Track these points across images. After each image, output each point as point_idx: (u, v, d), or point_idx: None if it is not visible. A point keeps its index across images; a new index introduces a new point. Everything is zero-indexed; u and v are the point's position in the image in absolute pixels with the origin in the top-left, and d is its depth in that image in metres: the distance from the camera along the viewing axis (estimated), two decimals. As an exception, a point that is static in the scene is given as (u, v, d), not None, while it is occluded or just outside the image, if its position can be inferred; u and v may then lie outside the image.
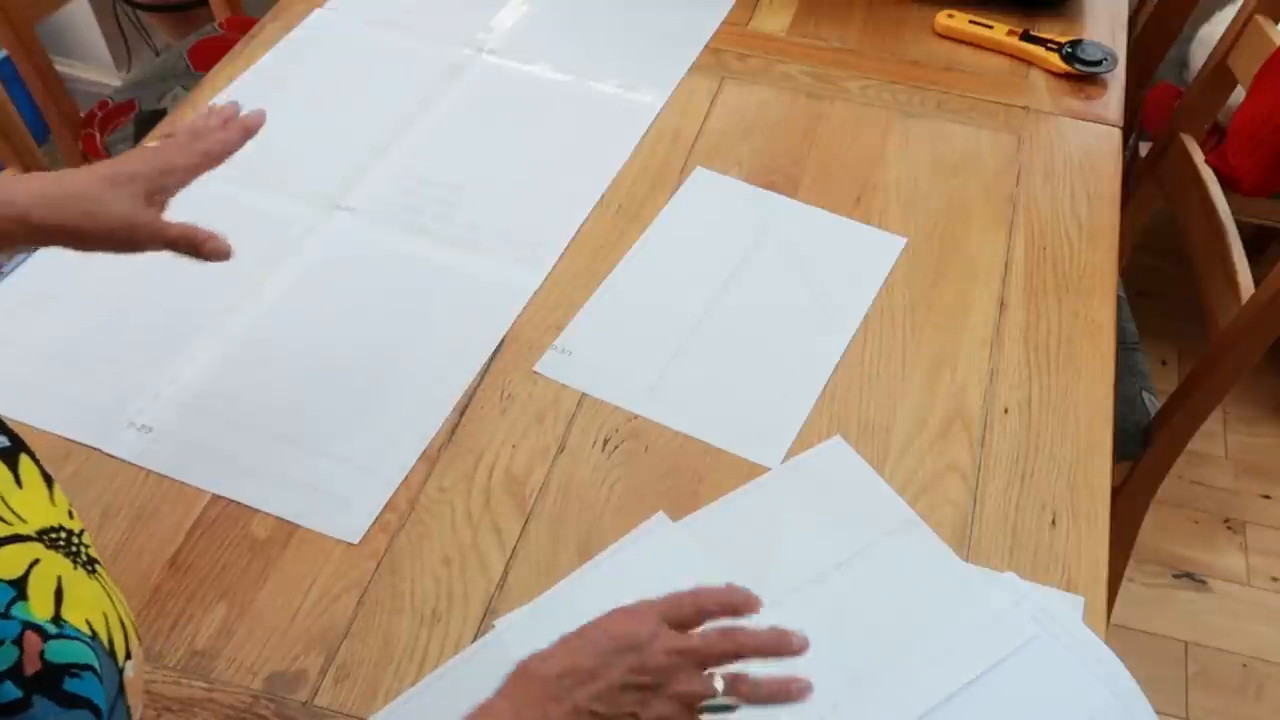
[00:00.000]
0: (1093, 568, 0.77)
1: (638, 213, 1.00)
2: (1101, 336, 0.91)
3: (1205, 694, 1.52)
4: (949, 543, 0.77)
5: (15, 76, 1.45)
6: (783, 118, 1.10)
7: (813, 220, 1.00)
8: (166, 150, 0.77)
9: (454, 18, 1.21)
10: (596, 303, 0.93)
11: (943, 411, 0.86)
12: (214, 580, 0.75)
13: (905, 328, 0.91)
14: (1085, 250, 0.98)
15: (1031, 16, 1.21)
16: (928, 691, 0.70)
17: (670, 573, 0.75)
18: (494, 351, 0.89)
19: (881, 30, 1.21)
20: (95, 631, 0.46)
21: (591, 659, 0.59)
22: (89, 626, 0.46)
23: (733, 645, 0.61)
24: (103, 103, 1.54)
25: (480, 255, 0.96)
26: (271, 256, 0.95)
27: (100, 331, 0.90)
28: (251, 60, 1.14)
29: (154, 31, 2.20)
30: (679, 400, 0.86)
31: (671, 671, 0.59)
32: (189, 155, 0.77)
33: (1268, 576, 1.65)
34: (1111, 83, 1.15)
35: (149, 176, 0.74)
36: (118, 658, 0.48)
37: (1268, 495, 1.75)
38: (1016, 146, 1.08)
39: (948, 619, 0.73)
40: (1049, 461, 0.83)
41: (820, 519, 0.79)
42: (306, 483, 0.80)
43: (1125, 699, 0.70)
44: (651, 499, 0.80)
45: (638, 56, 1.17)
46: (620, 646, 0.59)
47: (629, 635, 0.59)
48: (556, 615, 0.73)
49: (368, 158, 1.05)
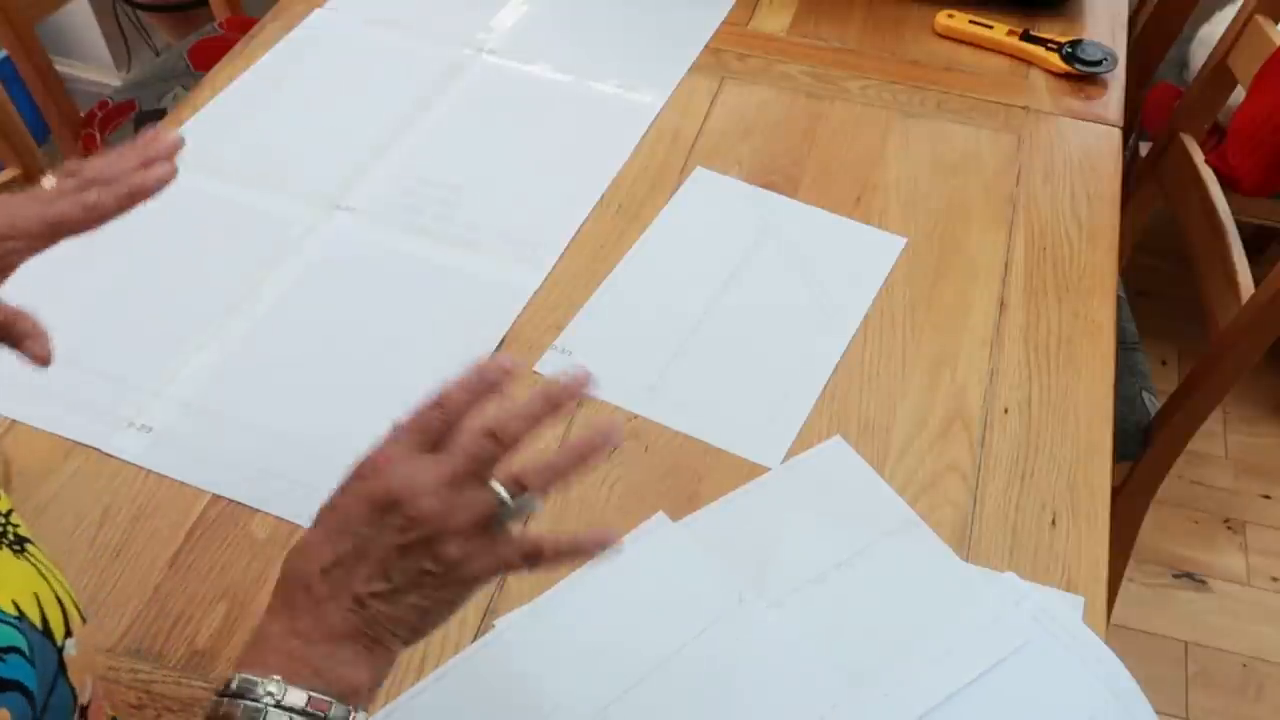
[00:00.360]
0: (1093, 568, 0.77)
1: (638, 213, 1.00)
2: (1101, 336, 0.91)
3: (1205, 694, 1.52)
4: (949, 543, 0.77)
5: (15, 76, 1.45)
6: (783, 118, 1.10)
7: (813, 220, 1.00)
8: (18, 204, 0.62)
9: (454, 18, 1.21)
10: (596, 303, 0.93)
11: (943, 411, 0.86)
12: (214, 580, 0.75)
13: (905, 328, 0.91)
14: (1085, 250, 0.98)
15: (1031, 16, 1.21)
16: (928, 691, 0.70)
17: (670, 573, 0.76)
18: (494, 351, 0.89)
19: (881, 30, 1.21)
20: (24, 613, 0.45)
21: (351, 538, 0.52)
22: (15, 607, 0.45)
23: (500, 441, 0.54)
24: (103, 103, 1.54)
25: (480, 255, 0.96)
26: (271, 256, 0.95)
27: (100, 331, 0.90)
28: (251, 60, 1.14)
29: (154, 31, 2.20)
30: (679, 400, 0.86)
31: (445, 509, 0.52)
32: (54, 211, 0.62)
33: (1268, 576, 1.65)
34: (1111, 83, 1.15)
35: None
36: (55, 637, 0.47)
37: (1268, 495, 1.75)
38: (1016, 146, 1.08)
39: (947, 619, 0.73)
40: (1049, 461, 0.83)
41: (820, 519, 0.79)
42: (306, 483, 0.80)
43: (1125, 699, 0.70)
44: (651, 499, 0.80)
45: (638, 56, 1.17)
46: (378, 508, 0.53)
47: (383, 494, 0.53)
48: (556, 615, 0.73)
49: (368, 158, 1.05)
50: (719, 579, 0.75)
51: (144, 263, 0.95)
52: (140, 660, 0.71)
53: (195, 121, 1.07)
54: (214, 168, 1.03)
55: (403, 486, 0.53)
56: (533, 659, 0.71)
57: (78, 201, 0.63)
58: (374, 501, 0.53)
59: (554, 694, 0.69)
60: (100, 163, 0.66)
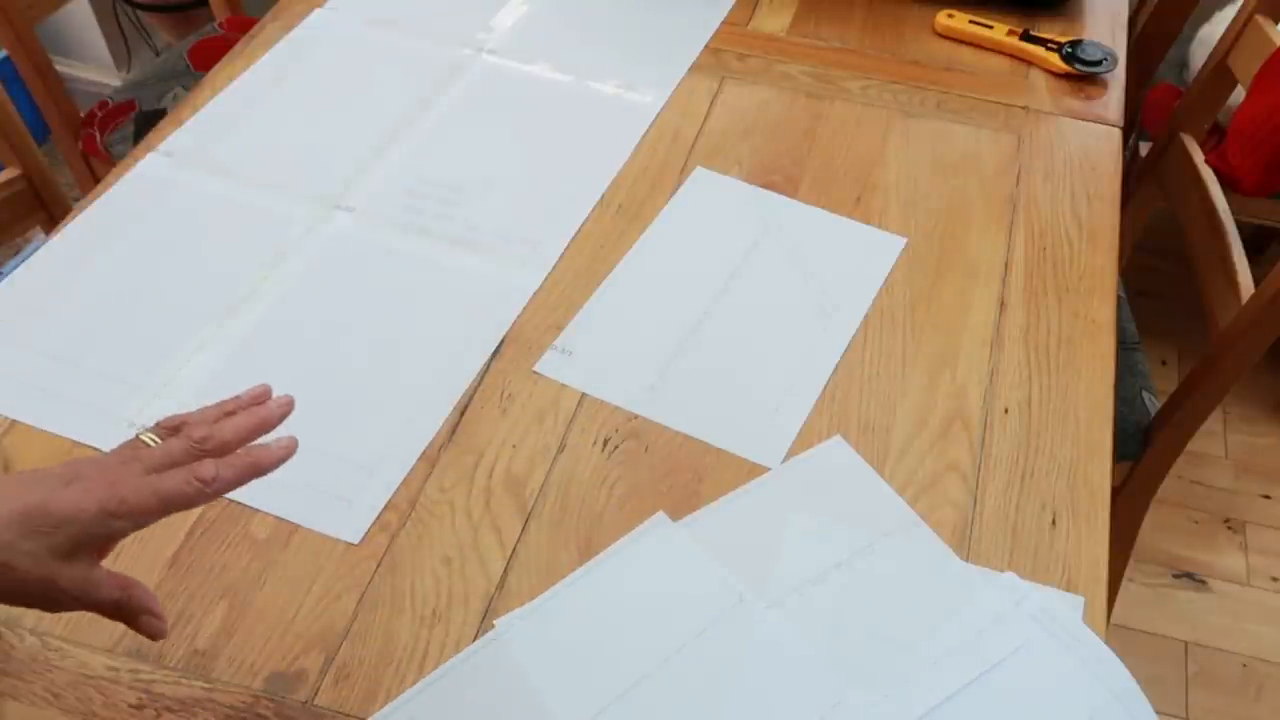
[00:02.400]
0: (1093, 568, 0.77)
1: (638, 213, 1.00)
2: (1101, 336, 0.91)
3: (1205, 694, 1.52)
4: (949, 543, 0.77)
5: (15, 76, 1.45)
6: (783, 118, 1.10)
7: (813, 220, 1.00)
8: (126, 474, 0.56)
9: (454, 18, 1.21)
10: (596, 303, 0.93)
11: (943, 411, 0.86)
12: (214, 580, 0.75)
13: (905, 328, 0.91)
14: (1085, 250, 0.98)
15: (1031, 16, 1.21)
16: (928, 691, 0.70)
17: (670, 573, 0.76)
18: (494, 351, 0.89)
19: (881, 30, 1.21)
20: None
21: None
22: None
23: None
24: (103, 103, 1.54)
25: (480, 255, 0.96)
26: (271, 256, 0.95)
27: (100, 331, 0.90)
28: (251, 60, 1.14)
29: (154, 31, 2.20)
30: (679, 400, 0.86)
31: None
32: (167, 489, 0.57)
33: (1268, 576, 1.65)
34: (1111, 83, 1.15)
35: (86, 523, 0.54)
36: None
37: (1268, 495, 1.75)
38: (1016, 146, 1.08)
39: (947, 619, 0.73)
40: (1049, 461, 0.83)
41: (820, 519, 0.79)
42: (306, 483, 0.80)
43: (1125, 699, 0.70)
44: (651, 499, 0.80)
45: (638, 56, 1.17)
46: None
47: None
48: (556, 615, 0.73)
49: (368, 158, 1.05)
50: (719, 579, 0.75)
51: (144, 262, 0.95)
52: (140, 660, 0.71)
53: (195, 121, 1.07)
54: (214, 168, 1.03)
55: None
56: (533, 659, 0.71)
57: (192, 479, 0.58)
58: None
59: (554, 694, 0.69)
60: (205, 421, 0.62)
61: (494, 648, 0.72)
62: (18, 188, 1.38)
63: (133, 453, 0.58)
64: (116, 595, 0.57)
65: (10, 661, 0.71)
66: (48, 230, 1.29)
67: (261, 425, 0.63)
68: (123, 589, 0.58)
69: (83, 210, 0.99)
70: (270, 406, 0.64)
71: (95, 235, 0.97)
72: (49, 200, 1.41)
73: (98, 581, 0.56)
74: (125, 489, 0.55)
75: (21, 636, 0.72)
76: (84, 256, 0.96)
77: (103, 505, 0.54)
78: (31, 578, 0.53)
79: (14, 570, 0.52)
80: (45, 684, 0.70)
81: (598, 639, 0.72)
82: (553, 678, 0.70)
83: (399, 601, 0.74)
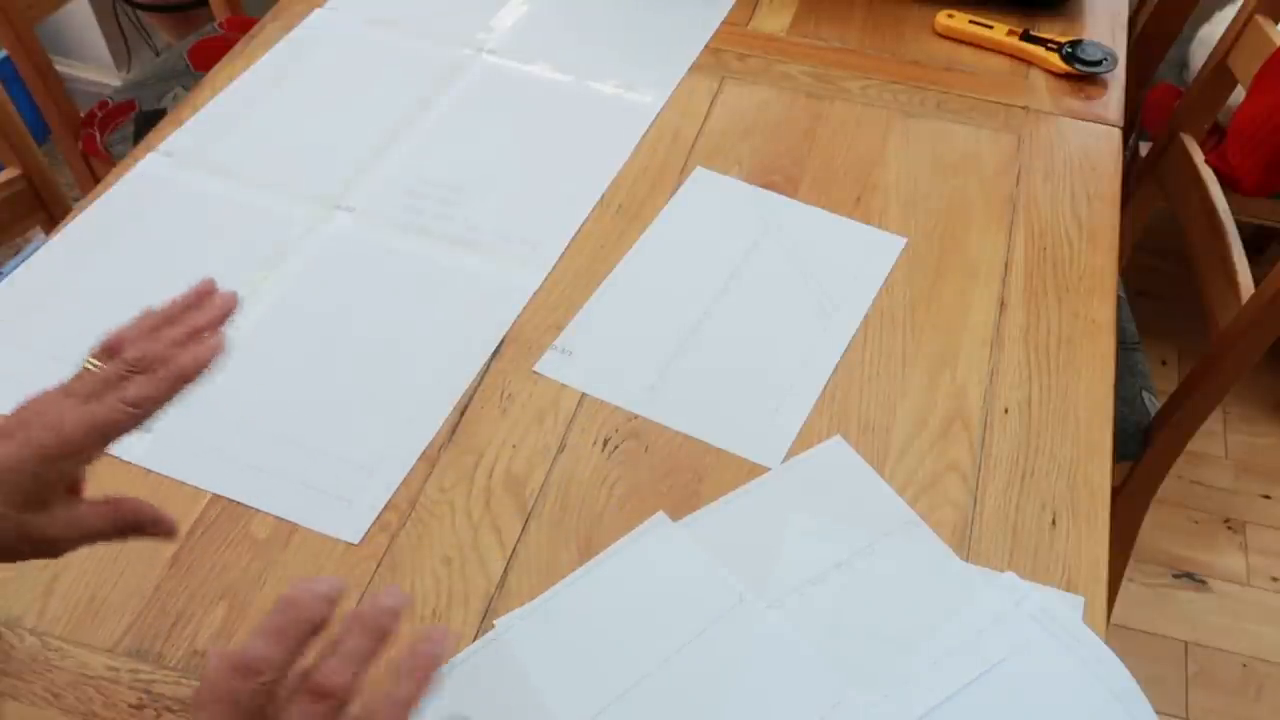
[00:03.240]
0: (1093, 568, 0.77)
1: (638, 213, 1.00)
2: (1101, 336, 0.91)
3: (1205, 694, 1.52)
4: (949, 543, 0.77)
5: (15, 76, 1.45)
6: (783, 118, 1.10)
7: (813, 220, 1.00)
8: (60, 409, 0.55)
9: (454, 18, 1.21)
10: (596, 303, 0.93)
11: (943, 411, 0.86)
12: (214, 580, 0.75)
13: (905, 327, 0.91)
14: (1085, 250, 0.98)
15: (1031, 16, 1.21)
16: (928, 691, 0.70)
17: (670, 572, 0.76)
18: (494, 351, 0.89)
19: (881, 30, 1.21)
20: None
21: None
22: None
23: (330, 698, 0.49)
24: (103, 103, 1.55)
25: (480, 255, 0.96)
26: (271, 256, 0.95)
27: (101, 331, 0.89)
28: (251, 60, 1.14)
29: (154, 31, 2.20)
30: (679, 400, 0.86)
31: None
32: (98, 417, 0.55)
33: (1268, 576, 1.65)
34: (1111, 83, 1.15)
35: (31, 471, 0.54)
36: None
37: (1268, 495, 1.75)
38: (1016, 146, 1.08)
39: (947, 619, 0.73)
40: (1049, 461, 0.83)
41: (820, 519, 0.79)
42: (306, 483, 0.80)
43: (1125, 699, 0.70)
44: (651, 499, 0.80)
45: (638, 56, 1.17)
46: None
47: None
48: (556, 615, 0.73)
49: (368, 157, 1.05)
50: (719, 579, 0.75)
51: (144, 262, 0.95)
52: (140, 660, 0.71)
53: (195, 121, 1.07)
54: (214, 168, 1.03)
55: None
56: (533, 659, 0.71)
57: (119, 404, 0.57)
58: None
59: (554, 694, 0.69)
60: (142, 336, 0.61)
61: (494, 648, 0.72)
62: (18, 188, 1.38)
63: (77, 384, 0.58)
64: (106, 521, 0.58)
65: (10, 661, 0.71)
66: (48, 230, 1.29)
67: (196, 333, 0.61)
68: (112, 513, 0.58)
69: (83, 210, 0.99)
70: (210, 308, 0.62)
71: (95, 235, 0.97)
72: (49, 200, 1.41)
73: (80, 516, 0.57)
74: (66, 426, 0.55)
75: (21, 636, 0.72)
76: (84, 256, 0.96)
77: (42, 450, 0.55)
78: (4, 533, 0.53)
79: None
80: (45, 684, 0.70)
81: (598, 639, 0.72)
82: (553, 678, 0.70)
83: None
